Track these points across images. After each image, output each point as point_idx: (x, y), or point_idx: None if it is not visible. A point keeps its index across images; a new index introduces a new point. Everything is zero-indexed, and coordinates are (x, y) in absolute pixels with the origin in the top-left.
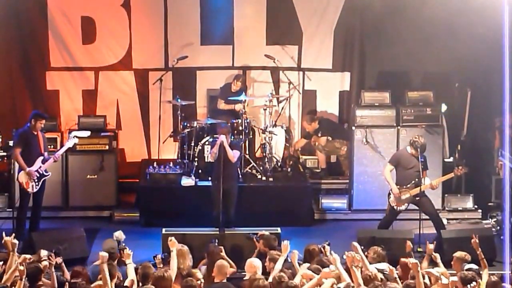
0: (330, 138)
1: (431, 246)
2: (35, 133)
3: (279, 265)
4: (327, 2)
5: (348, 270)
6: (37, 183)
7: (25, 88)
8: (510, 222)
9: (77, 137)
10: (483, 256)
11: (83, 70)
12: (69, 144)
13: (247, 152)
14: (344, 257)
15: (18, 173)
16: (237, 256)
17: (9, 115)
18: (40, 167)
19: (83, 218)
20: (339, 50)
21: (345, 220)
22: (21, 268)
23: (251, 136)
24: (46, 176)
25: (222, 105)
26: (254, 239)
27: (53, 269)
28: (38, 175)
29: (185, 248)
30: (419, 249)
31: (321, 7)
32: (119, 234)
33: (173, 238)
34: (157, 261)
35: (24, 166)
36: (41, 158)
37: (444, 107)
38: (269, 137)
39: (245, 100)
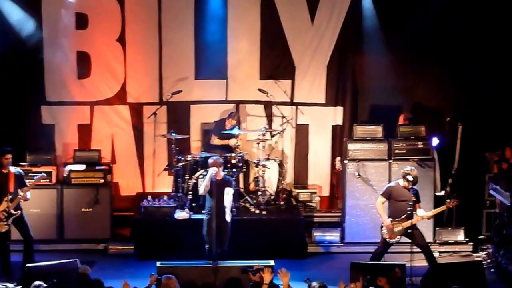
0: None
1: None
2: (4, 171)
3: None
4: (320, 38)
5: None
6: (6, 223)
7: (21, 122)
8: (500, 255)
9: (72, 170)
10: None
11: (78, 104)
12: (36, 180)
13: (241, 186)
14: None
15: None
16: None
17: None
18: (8, 206)
19: (77, 251)
20: (332, 84)
21: (337, 253)
22: None
23: (244, 170)
24: (14, 215)
25: (216, 141)
26: (250, 273)
27: None
28: (6, 215)
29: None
30: (410, 283)
31: (314, 43)
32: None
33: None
34: (151, 278)
35: None
36: (8, 197)
37: (435, 141)
38: (262, 171)
39: (238, 134)
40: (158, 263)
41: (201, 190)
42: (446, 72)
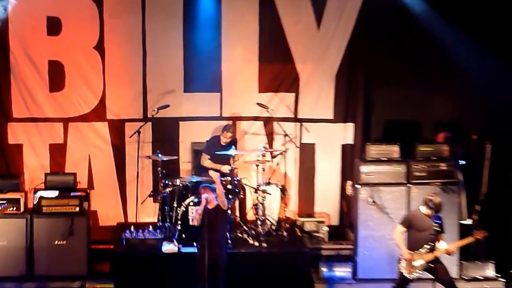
0: None
1: None
2: None
3: None
4: (327, 44)
5: None
6: None
7: None
8: None
9: (43, 197)
10: None
11: (50, 121)
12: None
13: (237, 214)
14: None
15: None
16: None
17: None
18: None
19: None
20: (341, 98)
21: None
22: None
23: (242, 196)
24: None
25: (206, 162)
26: None
27: None
28: None
29: None
30: None
31: (321, 50)
32: None
33: None
34: None
35: None
36: None
37: (461, 162)
38: (262, 197)
39: (235, 155)
40: None
41: (194, 220)
42: (473, 82)
